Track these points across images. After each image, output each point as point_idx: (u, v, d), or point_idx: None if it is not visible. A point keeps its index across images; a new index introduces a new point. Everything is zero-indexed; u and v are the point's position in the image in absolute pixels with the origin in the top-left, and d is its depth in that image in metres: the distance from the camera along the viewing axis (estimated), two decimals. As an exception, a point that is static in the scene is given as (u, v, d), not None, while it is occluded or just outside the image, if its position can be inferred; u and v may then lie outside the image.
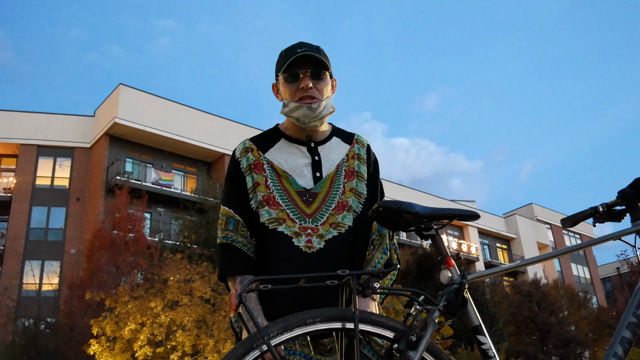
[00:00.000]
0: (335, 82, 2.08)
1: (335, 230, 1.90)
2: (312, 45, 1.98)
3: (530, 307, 26.27)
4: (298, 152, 2.01)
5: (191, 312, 13.58)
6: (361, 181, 2.02)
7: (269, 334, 1.32)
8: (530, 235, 46.16)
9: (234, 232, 1.93)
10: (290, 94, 1.96)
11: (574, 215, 1.85)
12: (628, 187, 1.72)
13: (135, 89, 27.12)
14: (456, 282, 1.57)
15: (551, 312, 26.44)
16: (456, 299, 1.53)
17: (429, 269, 21.85)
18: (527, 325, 26.09)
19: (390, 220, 1.68)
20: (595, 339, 29.96)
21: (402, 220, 1.64)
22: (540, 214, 49.01)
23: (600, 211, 1.76)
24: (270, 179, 1.95)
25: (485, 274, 1.69)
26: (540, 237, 46.84)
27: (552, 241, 47.93)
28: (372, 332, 1.44)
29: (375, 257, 1.94)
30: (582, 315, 31.66)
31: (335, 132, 2.11)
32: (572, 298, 33.92)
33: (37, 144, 27.41)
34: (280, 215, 1.90)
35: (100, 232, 21.19)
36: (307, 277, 1.46)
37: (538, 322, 25.88)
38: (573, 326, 28.99)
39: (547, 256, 1.71)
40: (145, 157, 27.66)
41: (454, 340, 8.28)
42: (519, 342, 26.02)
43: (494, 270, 1.71)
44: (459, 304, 1.54)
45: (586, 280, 49.76)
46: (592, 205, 1.78)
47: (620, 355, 1.52)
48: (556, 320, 26.31)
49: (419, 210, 1.61)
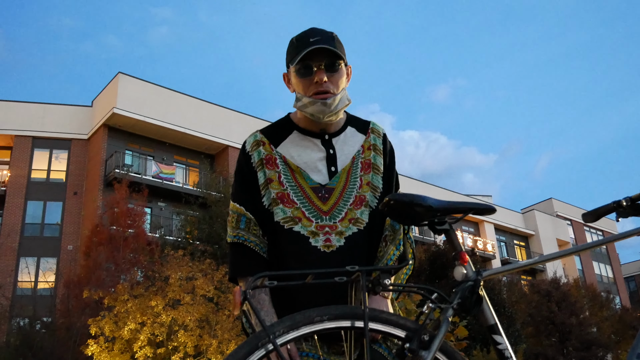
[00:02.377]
0: (350, 70, 2.03)
1: (355, 226, 1.90)
2: (326, 32, 1.93)
3: (550, 308, 26.41)
4: (312, 146, 1.98)
5: (193, 312, 13.63)
6: (377, 174, 2.01)
7: (274, 333, 1.31)
8: (550, 232, 45.74)
9: (245, 231, 1.93)
10: (303, 88, 1.92)
11: (596, 209, 1.84)
12: None
13: (135, 77, 27.04)
14: (471, 279, 1.55)
15: (572, 313, 26.59)
16: (471, 297, 1.52)
17: (442, 267, 21.96)
18: (546, 327, 26.25)
19: (401, 214, 1.68)
20: (618, 341, 30.17)
21: (414, 214, 1.64)
22: (560, 210, 48.67)
23: (623, 205, 1.73)
24: (284, 175, 1.94)
25: (502, 270, 1.68)
26: (560, 234, 46.40)
27: (572, 238, 47.61)
28: (383, 330, 1.43)
29: (388, 253, 1.94)
30: (604, 316, 31.94)
31: (349, 121, 2.08)
32: (594, 298, 34.25)
33: (33, 135, 27.13)
34: (295, 213, 1.89)
35: (98, 227, 21.00)
36: (314, 273, 1.44)
37: (557, 323, 26.03)
38: (594, 328, 28.97)
39: (566, 252, 1.72)
40: (146, 149, 27.41)
41: (468, 342, 8.13)
42: (538, 344, 26.12)
43: (511, 266, 1.72)
44: (473, 302, 1.53)
45: (609, 279, 49.53)
46: (615, 199, 1.77)
47: None
48: (577, 322, 26.47)
49: (432, 204, 1.60)
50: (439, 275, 21.65)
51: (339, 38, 1.97)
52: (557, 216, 47.54)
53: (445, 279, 21.07)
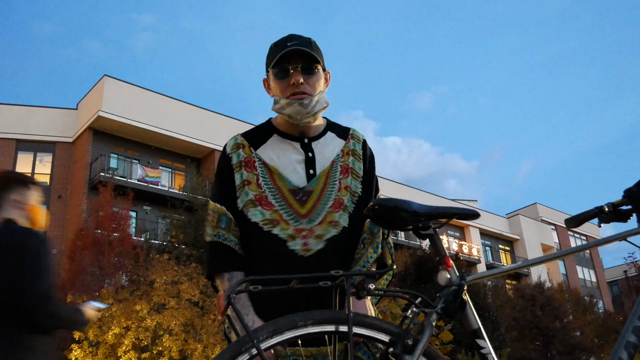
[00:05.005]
0: (328, 75, 2.05)
1: (334, 229, 1.89)
2: (303, 37, 1.96)
3: (534, 312, 26.49)
4: (291, 149, 1.99)
5: (179, 316, 13.71)
6: (356, 179, 2.01)
7: (258, 337, 1.31)
8: (534, 237, 45.92)
9: (226, 231, 1.92)
10: (281, 90, 1.94)
11: (578, 215, 1.85)
12: (634, 185, 1.71)
13: (121, 80, 26.80)
14: (455, 284, 1.56)
15: (555, 317, 26.73)
16: (455, 301, 1.53)
17: (428, 271, 21.91)
18: (531, 331, 26.31)
19: (386, 219, 1.66)
20: (601, 345, 30.14)
21: (398, 219, 1.63)
22: (545, 215, 48.81)
23: (605, 211, 1.76)
24: (262, 177, 1.94)
25: (486, 275, 1.69)
26: (545, 239, 46.57)
27: (557, 243, 47.79)
28: (367, 335, 1.43)
29: (366, 255, 1.92)
30: (587, 320, 31.96)
31: (330, 127, 2.09)
32: (578, 302, 34.62)
33: (16, 138, 26.71)
34: (274, 216, 1.89)
35: (83, 231, 20.75)
36: (299, 277, 1.43)
37: (542, 327, 26.09)
38: (578, 332, 29.09)
39: (550, 257, 1.72)
40: (131, 153, 27.18)
41: (453, 346, 8.32)
42: (522, 348, 26.15)
43: (495, 271, 1.69)
44: (457, 307, 1.53)
45: (592, 283, 49.73)
46: (597, 205, 1.79)
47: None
48: (561, 326, 26.63)
49: (417, 209, 1.60)
50: (424, 280, 21.63)
51: (319, 45, 1.99)
52: (541, 221, 47.67)
53: (431, 283, 21.01)
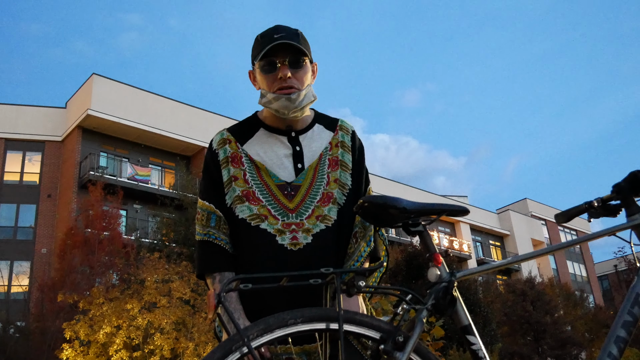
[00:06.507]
0: (316, 67, 2.02)
1: (322, 223, 1.88)
2: (290, 29, 1.92)
3: (525, 307, 26.34)
4: (278, 143, 1.97)
5: (170, 314, 13.55)
6: (345, 171, 1.98)
7: (248, 336, 1.30)
8: (525, 232, 46.08)
9: (216, 230, 1.91)
10: (267, 84, 1.91)
11: (568, 210, 1.85)
12: (623, 181, 1.72)
13: (110, 79, 26.76)
14: (445, 280, 1.56)
15: (546, 312, 26.61)
16: (445, 298, 1.53)
17: (419, 267, 21.85)
18: (522, 326, 26.17)
19: (375, 216, 1.67)
20: (592, 340, 30.12)
21: (388, 216, 1.64)
22: (535, 210, 49.04)
23: (595, 206, 1.77)
24: (249, 173, 1.92)
25: (476, 271, 1.67)
26: (535, 234, 46.76)
27: (547, 238, 47.96)
28: (357, 332, 1.43)
29: (359, 249, 1.90)
30: (578, 315, 31.97)
31: (317, 119, 2.06)
32: (568, 297, 34.40)
33: (5, 137, 26.77)
34: (261, 211, 1.87)
35: (72, 230, 20.83)
36: (289, 275, 1.43)
37: (532, 322, 25.96)
38: (569, 326, 29.09)
39: (540, 252, 1.74)
40: (121, 151, 27.18)
41: (445, 342, 8.42)
42: (513, 343, 26.04)
43: (485, 267, 1.71)
44: (447, 303, 1.54)
45: (582, 278, 49.95)
46: (586, 200, 1.80)
47: (615, 355, 1.52)
48: (551, 320, 26.47)
49: (406, 206, 1.61)
50: (415, 276, 21.56)
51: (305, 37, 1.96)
52: (531, 216, 47.86)
53: (422, 279, 20.91)
